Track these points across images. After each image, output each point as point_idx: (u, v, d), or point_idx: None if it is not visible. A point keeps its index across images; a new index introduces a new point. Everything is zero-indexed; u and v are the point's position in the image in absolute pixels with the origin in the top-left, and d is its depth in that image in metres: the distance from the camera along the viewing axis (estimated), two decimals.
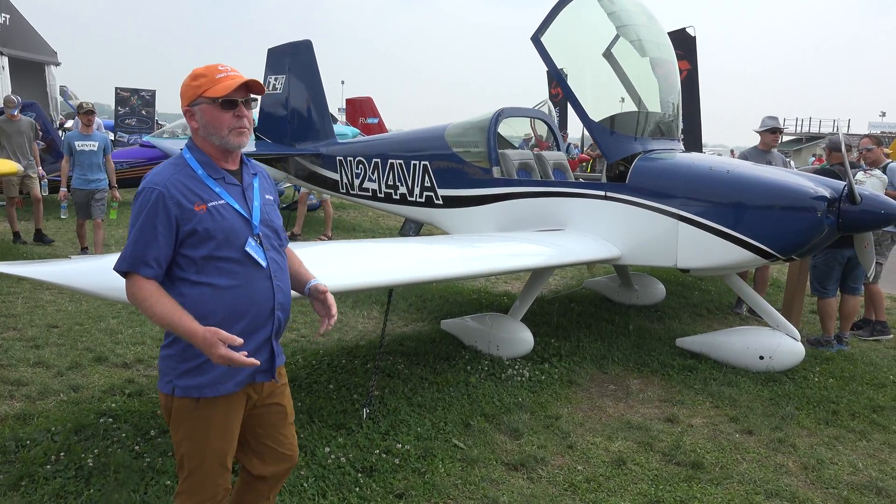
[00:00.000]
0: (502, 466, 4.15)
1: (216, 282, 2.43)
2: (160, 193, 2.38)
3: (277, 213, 2.72)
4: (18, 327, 6.17)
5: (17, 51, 19.17)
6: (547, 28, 6.10)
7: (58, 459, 3.81)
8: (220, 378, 2.46)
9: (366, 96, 19.65)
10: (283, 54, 9.15)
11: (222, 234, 2.43)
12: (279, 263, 2.60)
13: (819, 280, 6.68)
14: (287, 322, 2.70)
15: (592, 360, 5.99)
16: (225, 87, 2.44)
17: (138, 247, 2.37)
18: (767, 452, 4.48)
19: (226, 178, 2.53)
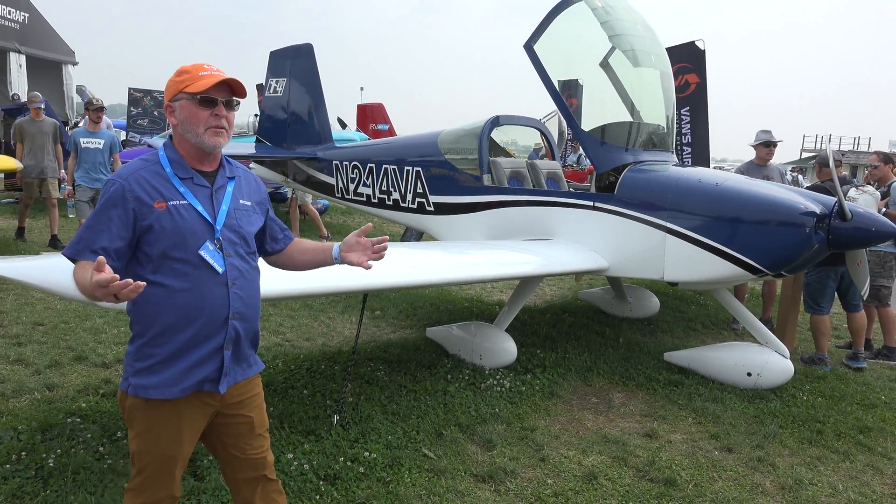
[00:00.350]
0: (470, 478, 4.08)
1: (169, 283, 2.39)
2: (120, 185, 2.37)
3: (252, 220, 2.63)
4: (4, 324, 6.20)
5: (35, 49, 19.46)
6: (540, 36, 6.05)
7: (19, 459, 3.79)
8: (166, 381, 2.41)
9: (377, 102, 19.67)
10: (285, 57, 9.15)
11: (178, 235, 2.38)
12: (242, 271, 2.51)
13: (812, 297, 6.57)
14: (252, 333, 2.59)
15: (577, 372, 5.90)
16: (204, 84, 2.41)
17: (88, 234, 2.33)
18: (745, 471, 4.38)
19: (194, 178, 2.48)
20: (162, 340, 2.40)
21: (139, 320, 2.44)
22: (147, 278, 2.35)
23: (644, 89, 6.21)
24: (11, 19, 18.41)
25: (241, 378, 2.58)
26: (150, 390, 2.42)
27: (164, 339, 2.40)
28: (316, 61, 8.88)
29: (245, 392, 2.63)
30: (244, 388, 2.62)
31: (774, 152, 7.75)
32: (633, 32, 6.11)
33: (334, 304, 7.58)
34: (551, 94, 6.02)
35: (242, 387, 2.61)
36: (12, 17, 18.43)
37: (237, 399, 2.60)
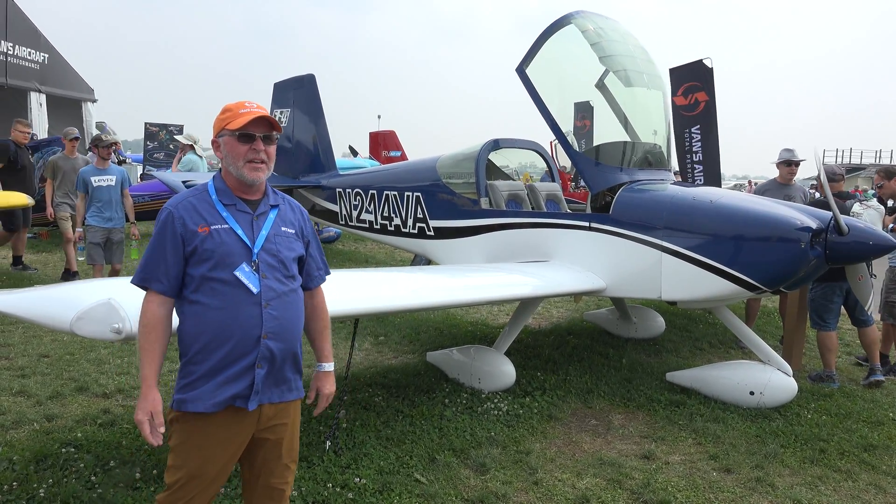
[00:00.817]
0: (461, 502, 4.05)
1: (206, 301, 2.56)
2: (170, 213, 2.60)
3: (293, 246, 2.75)
4: (11, 357, 6.29)
5: (54, 88, 19.91)
6: (531, 59, 6.10)
7: (10, 489, 3.83)
8: (200, 396, 2.55)
9: (389, 130, 19.87)
10: (288, 88, 9.31)
11: (218, 256, 2.55)
12: (278, 292, 2.63)
13: (818, 312, 6.47)
14: (290, 356, 2.70)
15: (577, 394, 5.86)
16: (243, 120, 2.61)
17: (151, 263, 2.58)
18: (743, 492, 4.30)
19: (237, 205, 2.66)
20: (201, 358, 2.56)
21: (183, 339, 2.61)
22: (188, 298, 2.59)
23: (637, 109, 6.22)
24: (32, 60, 18.89)
25: (276, 399, 2.68)
26: (187, 404, 2.57)
27: (202, 357, 2.56)
28: (318, 91, 9.02)
29: (280, 416, 2.72)
30: (280, 412, 2.72)
31: (797, 171, 7.70)
32: (624, 53, 6.14)
33: (338, 331, 7.59)
34: (544, 117, 6.04)
35: (279, 410, 2.70)
36: (32, 57, 18.91)
37: (271, 422, 2.70)
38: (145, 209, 13.19)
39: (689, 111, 11.53)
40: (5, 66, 17.84)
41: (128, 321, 3.11)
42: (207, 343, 2.54)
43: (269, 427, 2.69)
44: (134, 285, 2.63)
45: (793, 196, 7.46)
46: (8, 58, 17.96)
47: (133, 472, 4.07)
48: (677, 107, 11.57)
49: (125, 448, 4.45)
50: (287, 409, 2.75)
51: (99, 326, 3.13)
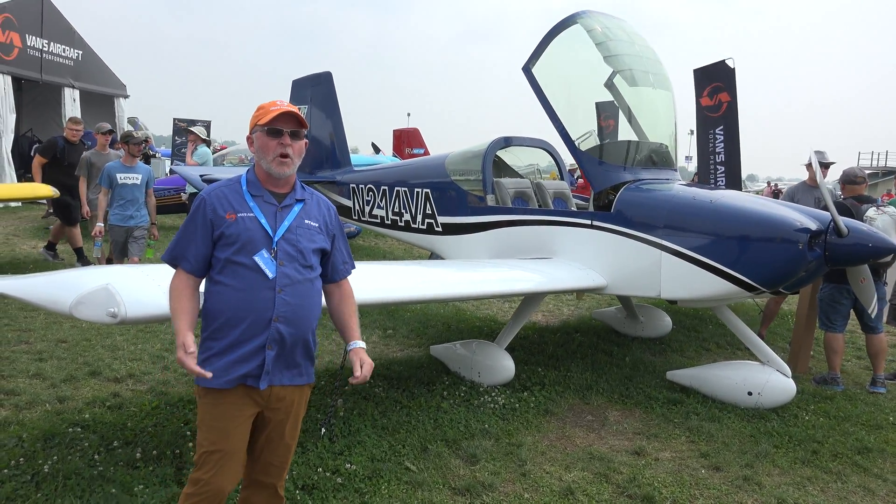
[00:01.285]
0: (448, 491, 4.15)
1: (228, 282, 2.76)
2: (203, 199, 2.83)
3: (315, 238, 2.92)
4: (31, 341, 6.53)
5: (88, 84, 20.39)
6: (538, 59, 6.18)
7: (17, 464, 4.02)
8: (217, 372, 2.73)
9: (412, 128, 20.02)
10: (306, 86, 9.48)
11: (241, 241, 2.75)
12: (293, 280, 2.80)
13: (825, 313, 6.45)
14: (301, 341, 2.87)
15: (576, 390, 5.92)
16: (271, 116, 2.80)
17: (180, 243, 2.81)
18: (729, 489, 4.34)
19: (265, 196, 2.85)
20: (219, 335, 2.77)
21: (206, 316, 2.82)
22: (213, 278, 2.81)
23: (642, 108, 6.25)
24: (66, 56, 19.37)
25: (287, 382, 2.86)
26: (204, 380, 2.74)
27: (220, 334, 2.77)
28: (335, 88, 9.17)
29: (288, 398, 2.89)
30: (289, 394, 2.89)
31: (828, 173, 7.64)
32: (630, 53, 6.17)
33: None
34: (549, 116, 6.11)
35: (288, 392, 2.88)
36: (66, 54, 19.39)
37: (279, 403, 2.87)
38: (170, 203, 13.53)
39: (713, 112, 11.48)
40: (41, 63, 18.32)
41: (123, 306, 3.27)
42: (226, 321, 2.74)
43: (276, 407, 2.86)
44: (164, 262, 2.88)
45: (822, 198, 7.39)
46: (43, 54, 18.44)
47: (134, 452, 4.24)
48: (703, 108, 11.52)
49: (129, 430, 4.63)
50: (294, 392, 2.92)
51: (96, 310, 3.29)
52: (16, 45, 17.39)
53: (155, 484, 3.90)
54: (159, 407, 5.05)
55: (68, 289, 3.41)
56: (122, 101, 22.47)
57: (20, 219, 14.57)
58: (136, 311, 3.31)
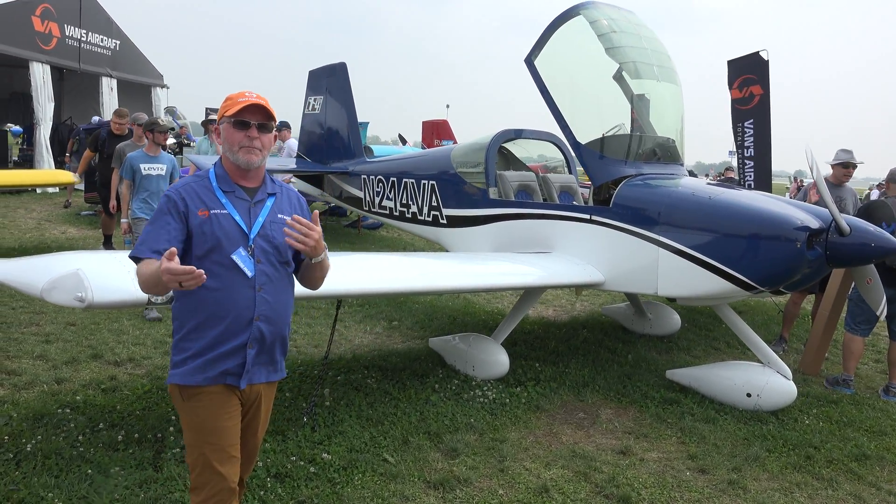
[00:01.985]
0: (422, 484, 4.14)
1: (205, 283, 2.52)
2: (171, 196, 2.69)
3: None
4: (41, 323, 6.70)
5: (125, 74, 20.81)
6: (540, 50, 6.10)
7: (3, 442, 4.13)
8: (193, 370, 2.67)
9: (441, 119, 19.99)
10: (322, 76, 9.52)
11: (216, 240, 2.64)
12: (271, 277, 2.73)
13: (851, 313, 6.26)
14: (279, 338, 2.82)
15: (571, 386, 5.85)
16: (238, 108, 2.70)
17: (150, 237, 2.62)
18: (712, 493, 4.25)
19: (236, 192, 2.75)
20: (195, 336, 2.67)
21: (178, 316, 2.73)
22: None
23: (645, 101, 6.13)
24: (104, 46, 19.79)
25: (263, 380, 2.81)
26: (179, 377, 2.69)
27: (197, 335, 2.67)
28: (349, 79, 9.19)
29: (262, 394, 2.86)
30: (262, 391, 2.85)
31: (853, 174, 7.44)
32: (633, 45, 6.05)
33: (353, 314, 7.79)
34: (550, 108, 6.03)
35: (263, 389, 2.85)
36: (104, 44, 19.81)
37: (255, 399, 2.84)
38: None
39: (743, 105, 11.22)
40: (79, 52, 18.75)
41: (90, 291, 3.32)
42: (203, 321, 2.65)
43: (255, 404, 2.85)
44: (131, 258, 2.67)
45: (844, 198, 7.19)
46: (82, 44, 18.86)
47: (117, 435, 4.32)
48: (733, 100, 11.28)
49: (117, 412, 4.72)
50: (270, 388, 2.92)
51: (65, 295, 3.36)
52: (55, 34, 17.81)
53: (132, 466, 3.98)
54: (151, 391, 5.14)
55: (41, 273, 3.48)
56: (158, 90, 22.90)
57: (55, 204, 14.95)
58: (103, 297, 3.36)
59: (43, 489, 3.66)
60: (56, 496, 3.61)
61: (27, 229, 12.00)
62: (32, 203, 14.91)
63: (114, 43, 20.24)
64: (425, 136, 20.04)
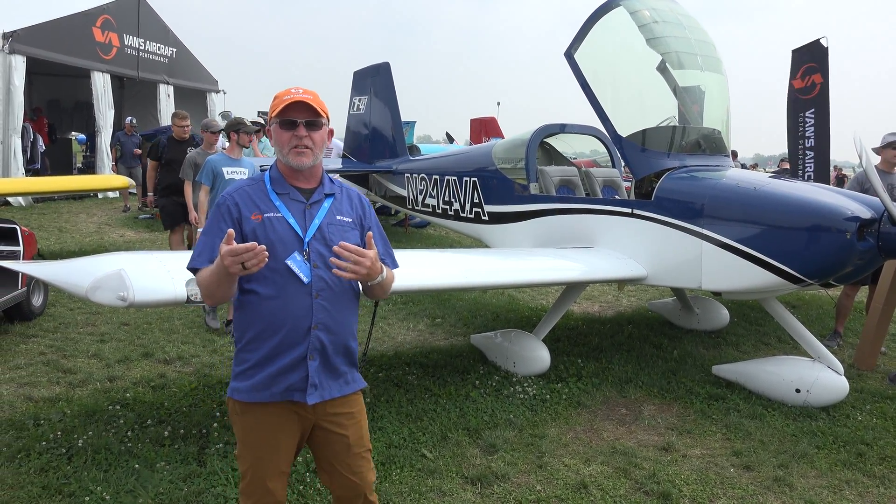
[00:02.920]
0: (460, 479, 4.15)
1: (259, 290, 2.53)
2: (224, 200, 2.59)
3: (348, 236, 2.63)
4: (96, 324, 6.97)
5: (181, 80, 21.42)
6: (580, 44, 6.03)
7: (56, 438, 4.31)
8: (257, 385, 2.54)
9: (490, 116, 19.96)
10: (366, 76, 9.62)
11: (270, 245, 2.42)
12: (329, 283, 2.56)
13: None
14: (342, 348, 2.64)
15: (614, 382, 5.78)
16: (282, 107, 2.55)
17: (205, 247, 2.52)
18: (756, 490, 4.15)
19: (291, 193, 2.61)
20: (254, 346, 2.55)
21: (238, 326, 2.61)
22: (242, 287, 2.54)
23: (689, 92, 6.00)
24: (161, 54, 20.41)
25: (336, 394, 2.63)
26: (243, 393, 2.57)
27: (255, 345, 2.54)
28: (393, 79, 9.26)
29: (340, 408, 2.67)
30: (340, 405, 2.66)
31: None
32: (676, 35, 5.93)
33: (397, 312, 7.85)
34: (591, 102, 5.96)
35: (339, 403, 2.66)
36: (161, 52, 20.43)
37: (332, 415, 2.65)
38: None
39: (805, 94, 10.94)
40: (137, 61, 19.37)
41: (132, 290, 3.44)
42: (260, 332, 2.53)
43: (331, 420, 2.65)
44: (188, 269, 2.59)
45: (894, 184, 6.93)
46: (140, 53, 19.49)
47: (164, 431, 4.46)
48: (795, 90, 11.03)
49: (165, 409, 4.87)
50: (349, 402, 2.70)
51: (109, 294, 3.48)
52: (114, 44, 18.45)
53: (177, 461, 4.10)
54: (197, 388, 5.29)
55: (86, 274, 3.62)
56: (213, 95, 23.48)
57: (115, 209, 15.51)
58: (144, 296, 3.48)
59: (92, 483, 3.80)
60: (104, 489, 3.75)
61: (87, 233, 12.48)
62: (94, 208, 15.51)
63: (170, 51, 20.85)
64: (473, 133, 20.04)
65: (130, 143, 15.11)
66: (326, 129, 2.66)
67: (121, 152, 15.14)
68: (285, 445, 2.62)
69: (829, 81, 10.83)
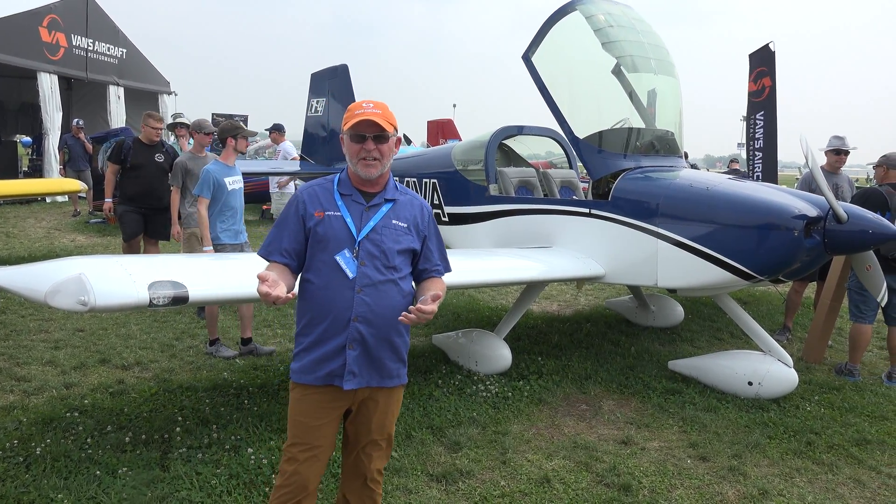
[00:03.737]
0: (425, 477, 4.19)
1: (314, 280, 2.81)
2: (296, 196, 2.91)
3: (401, 239, 2.86)
4: (50, 330, 6.81)
5: (132, 81, 20.99)
6: (537, 47, 6.14)
7: (12, 446, 4.22)
8: (304, 368, 2.82)
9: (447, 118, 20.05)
10: (324, 78, 9.60)
11: (326, 240, 2.79)
12: (373, 280, 2.78)
13: (854, 302, 6.24)
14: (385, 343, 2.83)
15: (574, 379, 5.89)
16: (354, 122, 2.78)
17: (275, 238, 2.87)
18: (712, 480, 4.28)
19: (353, 196, 2.86)
20: (307, 331, 2.83)
21: (298, 311, 2.89)
22: (304, 276, 2.87)
23: (642, 94, 6.16)
24: (110, 55, 19.97)
25: (375, 384, 2.86)
26: (294, 374, 2.87)
27: (308, 330, 2.82)
28: (351, 81, 9.26)
29: (376, 399, 2.91)
30: (376, 395, 2.90)
31: (846, 161, 7.45)
32: (630, 39, 6.08)
33: None
34: (548, 104, 6.07)
35: (374, 393, 2.89)
36: (111, 52, 20.00)
37: (366, 399, 2.90)
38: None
39: (757, 97, 11.29)
40: (86, 61, 18.93)
41: (93, 294, 3.39)
42: (312, 318, 2.80)
43: (363, 403, 2.90)
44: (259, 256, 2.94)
45: (840, 185, 7.21)
46: (89, 53, 19.05)
47: (125, 437, 4.40)
48: (750, 94, 11.36)
49: (125, 415, 4.80)
50: (384, 392, 2.92)
51: (68, 299, 3.43)
52: (62, 45, 18.00)
53: (139, 467, 4.05)
54: (158, 393, 5.22)
55: (45, 278, 3.55)
56: (165, 97, 23.07)
57: (64, 213, 15.13)
58: (106, 301, 3.43)
59: (52, 490, 3.73)
60: (65, 497, 3.68)
61: (37, 238, 12.17)
62: (42, 212, 15.11)
63: (120, 51, 20.43)
64: (430, 136, 20.11)
65: (78, 145, 14.77)
66: (394, 139, 2.89)
67: (69, 156, 14.78)
68: (321, 427, 2.84)
69: (776, 84, 11.20)
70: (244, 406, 5.02)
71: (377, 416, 2.93)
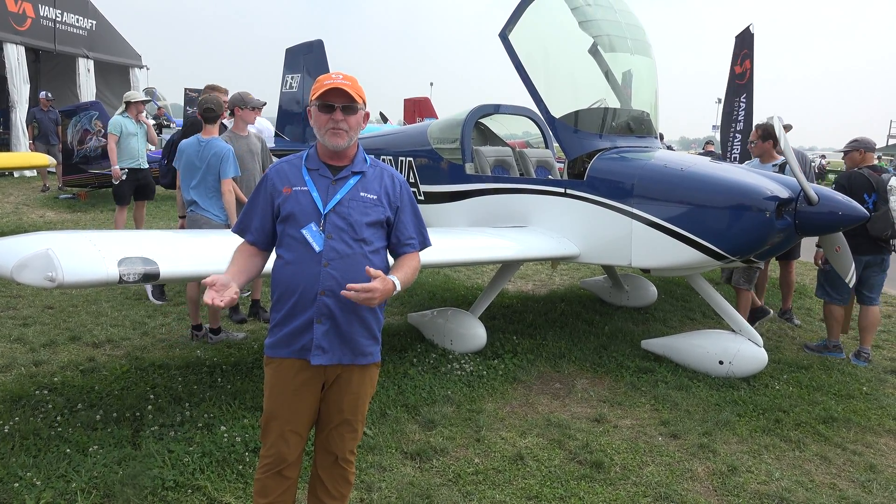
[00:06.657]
0: (400, 455, 4.21)
1: (284, 255, 2.81)
2: (266, 174, 2.91)
3: (369, 212, 2.80)
4: (18, 307, 6.69)
5: (102, 54, 20.54)
6: (514, 25, 6.09)
7: None
8: (277, 343, 2.82)
9: (423, 97, 19.91)
10: (299, 53, 9.46)
11: (293, 215, 2.77)
12: (341, 253, 2.74)
13: (830, 284, 6.28)
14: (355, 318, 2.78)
15: (548, 358, 5.93)
16: (323, 91, 2.75)
17: (246, 216, 2.93)
18: (683, 457, 4.35)
19: (320, 170, 2.84)
20: (278, 306, 2.82)
21: (271, 286, 2.89)
22: (276, 251, 2.88)
23: (618, 74, 6.16)
24: (79, 27, 19.52)
25: (346, 361, 2.82)
26: (268, 349, 2.87)
27: (279, 305, 2.82)
28: (326, 56, 9.15)
29: (347, 377, 2.86)
30: (347, 373, 2.86)
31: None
32: (607, 18, 6.06)
33: None
34: (525, 83, 6.04)
35: (346, 370, 2.85)
36: (80, 24, 19.54)
37: (339, 377, 2.86)
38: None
39: (740, 80, 11.30)
40: (54, 33, 18.48)
41: (60, 270, 3.33)
42: (282, 293, 2.79)
43: (336, 382, 2.86)
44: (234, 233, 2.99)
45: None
46: (57, 24, 18.59)
47: (95, 415, 4.35)
48: (734, 76, 11.35)
49: (96, 393, 4.74)
50: (358, 370, 2.88)
51: (35, 274, 3.36)
52: (28, 15, 17.56)
53: (110, 445, 4.01)
54: (129, 371, 5.17)
55: (11, 253, 3.48)
56: (137, 71, 22.65)
57: (33, 188, 14.83)
58: (74, 277, 3.37)
59: (21, 469, 3.68)
60: (34, 475, 3.64)
61: (4, 214, 11.92)
62: (10, 188, 14.79)
63: (90, 23, 19.97)
64: (407, 114, 19.97)
65: (48, 119, 14.44)
66: (362, 113, 2.85)
67: (38, 130, 14.45)
68: (301, 402, 2.83)
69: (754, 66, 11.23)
70: (217, 384, 4.99)
71: (349, 396, 2.89)
